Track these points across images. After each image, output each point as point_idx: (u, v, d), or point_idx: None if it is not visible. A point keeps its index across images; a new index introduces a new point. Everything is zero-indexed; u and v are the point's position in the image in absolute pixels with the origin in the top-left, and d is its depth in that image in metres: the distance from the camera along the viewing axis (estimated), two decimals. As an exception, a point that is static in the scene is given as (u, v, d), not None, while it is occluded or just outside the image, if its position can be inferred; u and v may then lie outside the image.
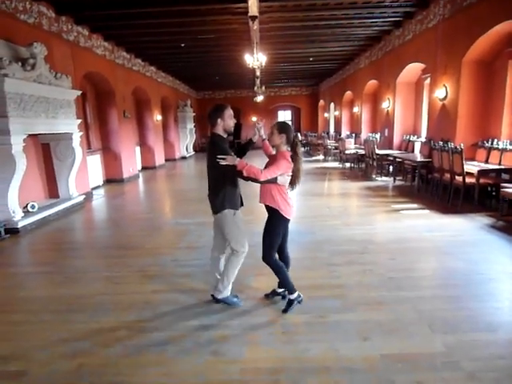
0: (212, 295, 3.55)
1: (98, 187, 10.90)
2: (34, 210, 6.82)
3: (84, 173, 9.31)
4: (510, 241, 5.06)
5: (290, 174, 3.17)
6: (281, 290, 3.57)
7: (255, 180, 3.05)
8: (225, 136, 3.29)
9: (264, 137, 3.51)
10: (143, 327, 3.20)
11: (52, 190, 8.18)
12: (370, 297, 3.57)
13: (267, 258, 3.28)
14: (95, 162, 10.98)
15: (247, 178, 3.09)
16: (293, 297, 3.35)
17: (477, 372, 2.48)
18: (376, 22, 10.23)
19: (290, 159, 3.15)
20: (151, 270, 4.47)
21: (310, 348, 2.82)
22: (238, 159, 3.02)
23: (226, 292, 3.43)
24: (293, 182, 3.21)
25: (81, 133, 8.35)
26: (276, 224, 3.26)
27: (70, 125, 7.82)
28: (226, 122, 3.26)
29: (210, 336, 3.03)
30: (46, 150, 7.97)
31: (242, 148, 3.55)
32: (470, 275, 4.00)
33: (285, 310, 3.33)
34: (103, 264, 4.81)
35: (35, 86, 6.56)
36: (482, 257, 4.52)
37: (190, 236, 5.80)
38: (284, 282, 3.36)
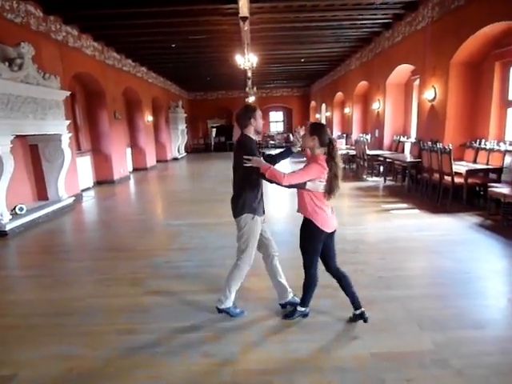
0: (217, 308, 3.37)
1: (88, 189, 10.81)
2: (23, 213, 6.75)
3: (74, 174, 9.23)
4: (498, 240, 5.14)
5: (323, 180, 2.87)
6: (358, 312, 3.12)
7: (280, 184, 2.86)
8: (254, 137, 3.20)
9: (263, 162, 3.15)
10: (133, 330, 3.18)
11: (41, 192, 8.09)
12: (360, 296, 3.57)
13: (308, 270, 3.09)
14: (85, 164, 10.88)
15: (272, 181, 2.91)
16: (301, 309, 3.23)
17: (465, 369, 2.51)
18: (366, 23, 10.31)
19: (323, 163, 2.85)
20: (142, 272, 4.45)
21: (301, 348, 2.83)
22: (263, 161, 2.92)
23: (227, 302, 3.31)
24: (330, 190, 2.89)
25: (70, 134, 8.27)
26: (310, 236, 2.99)
27: (58, 126, 7.74)
28: (258, 121, 3.16)
29: (201, 338, 3.02)
30: (34, 152, 7.88)
31: (278, 156, 3.38)
32: (458, 274, 4.05)
33: (286, 316, 3.26)
34: (94, 266, 4.77)
35: (23, 86, 6.48)
36: (470, 255, 4.58)
37: (181, 237, 5.78)
38: (305, 292, 3.19)
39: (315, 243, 2.99)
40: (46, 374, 2.66)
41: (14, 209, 6.65)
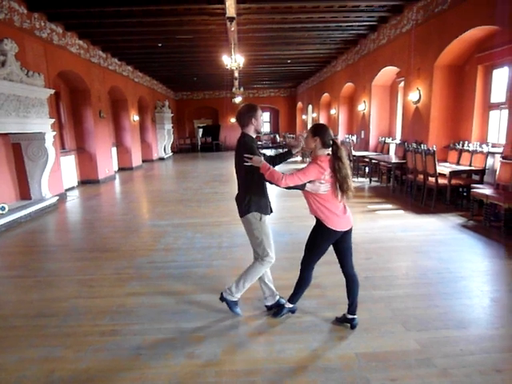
0: (222, 295, 3.33)
1: (72, 188, 10.65)
2: (4, 212, 6.60)
3: (57, 173, 9.07)
4: (480, 240, 5.23)
5: (323, 181, 2.82)
6: (350, 317, 3.11)
7: (278, 185, 2.86)
8: (254, 136, 3.19)
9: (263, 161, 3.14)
10: (117, 331, 3.14)
11: (23, 191, 7.93)
12: (345, 296, 3.59)
13: (303, 264, 3.11)
14: (69, 163, 10.71)
15: (271, 182, 2.90)
16: (289, 305, 3.24)
17: (449, 368, 2.54)
18: (352, 25, 10.41)
19: (323, 164, 2.81)
20: (127, 273, 4.39)
21: (287, 348, 2.82)
22: (263, 161, 2.90)
23: (235, 295, 3.24)
24: (343, 190, 2.83)
25: (54, 132, 8.14)
26: (316, 234, 3.00)
27: (42, 124, 7.61)
28: (259, 121, 3.14)
29: (185, 339, 2.99)
30: (17, 150, 7.72)
31: (278, 158, 3.41)
32: (442, 273, 4.10)
33: (275, 314, 3.26)
34: (77, 267, 4.69)
35: (5, 83, 6.36)
36: (454, 255, 4.65)
37: (167, 238, 5.73)
38: (296, 290, 3.19)
39: (321, 242, 2.97)
40: (27, 376, 2.60)
41: (-5, 208, 6.51)
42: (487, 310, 3.37)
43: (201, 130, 26.35)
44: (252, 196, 3.09)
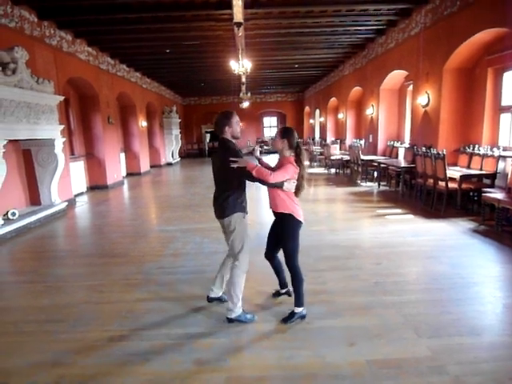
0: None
1: (81, 194, 10.73)
2: (15, 218, 6.66)
3: (67, 179, 9.15)
4: (492, 245, 5.15)
5: (295, 180, 3.16)
6: (284, 290, 3.64)
7: (263, 182, 3.06)
8: (233, 141, 3.29)
9: (259, 157, 3.54)
10: (125, 336, 3.13)
11: (33, 197, 8.01)
12: (355, 302, 3.57)
13: (292, 261, 3.25)
14: (78, 169, 10.81)
15: (255, 179, 3.09)
16: (298, 310, 3.25)
17: (462, 376, 2.49)
18: (360, 29, 10.38)
19: (295, 164, 3.14)
20: (135, 278, 4.39)
21: (296, 355, 2.79)
22: (249, 161, 3.05)
23: (237, 310, 3.25)
24: (298, 189, 3.21)
25: (63, 139, 8.22)
26: (293, 228, 3.26)
27: (52, 130, 7.69)
28: (234, 128, 3.24)
29: (194, 344, 2.98)
30: (27, 156, 7.81)
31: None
32: (453, 279, 4.04)
33: (285, 320, 3.23)
34: (86, 272, 4.71)
35: (16, 91, 6.43)
36: (466, 261, 4.58)
37: (175, 243, 5.73)
38: (297, 292, 3.24)
39: (297, 234, 3.26)
40: (37, 381, 2.60)
41: (7, 214, 6.57)
42: (500, 317, 3.31)
43: (208, 135, 26.46)
44: (236, 197, 3.22)
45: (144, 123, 16.22)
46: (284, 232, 3.27)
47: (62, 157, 8.00)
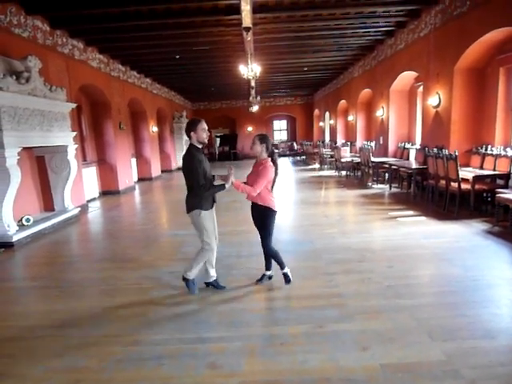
0: (183, 276, 4.04)
1: (93, 199, 10.85)
2: (29, 224, 6.77)
3: (79, 185, 9.28)
4: (507, 246, 5.07)
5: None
6: (269, 273, 4.20)
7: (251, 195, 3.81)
8: (199, 146, 3.80)
9: (233, 181, 3.78)
10: (139, 341, 3.16)
11: (47, 203, 8.12)
12: (368, 305, 3.54)
13: (268, 245, 3.96)
14: (91, 174, 10.94)
15: (215, 191, 3.85)
16: (286, 270, 4.04)
17: (477, 380, 2.46)
18: (369, 31, 10.35)
19: (271, 164, 3.85)
20: (148, 283, 4.43)
21: (309, 359, 2.78)
22: (235, 181, 3.67)
23: (191, 275, 3.96)
24: (273, 184, 3.96)
25: (76, 145, 8.33)
26: (270, 218, 3.93)
27: (65, 137, 7.81)
28: (199, 134, 3.72)
29: (207, 348, 2.99)
30: (40, 163, 7.94)
31: (211, 185, 3.87)
32: (467, 281, 3.99)
33: (288, 281, 4.04)
34: (99, 277, 4.76)
35: (30, 99, 6.56)
36: (480, 263, 4.52)
37: (186, 247, 5.74)
38: (279, 262, 4.03)
39: (273, 222, 3.95)
40: (52, 387, 2.64)
41: (21, 220, 6.68)
42: (516, 320, 3.25)
43: (218, 140, 26.57)
44: (197, 197, 3.74)
45: (155, 128, 16.37)
46: (263, 221, 3.95)
47: (74, 163, 8.12)
